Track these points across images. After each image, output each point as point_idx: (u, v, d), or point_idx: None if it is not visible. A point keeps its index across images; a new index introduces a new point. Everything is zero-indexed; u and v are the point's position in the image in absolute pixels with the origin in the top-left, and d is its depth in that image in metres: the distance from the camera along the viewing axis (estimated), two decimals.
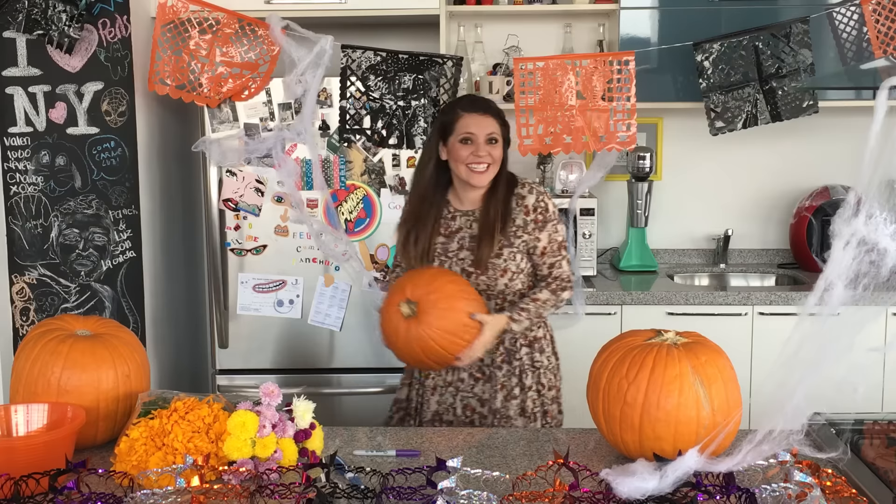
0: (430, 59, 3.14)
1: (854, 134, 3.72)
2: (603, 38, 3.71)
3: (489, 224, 2.27)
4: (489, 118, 2.28)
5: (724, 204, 3.91)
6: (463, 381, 2.33)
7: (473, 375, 2.33)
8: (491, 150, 2.26)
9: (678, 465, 1.45)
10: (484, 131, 2.26)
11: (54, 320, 1.88)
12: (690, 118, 3.73)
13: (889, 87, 1.41)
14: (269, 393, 1.64)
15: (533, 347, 2.36)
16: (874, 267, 1.37)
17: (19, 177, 3.11)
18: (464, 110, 2.29)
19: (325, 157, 3.22)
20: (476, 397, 2.33)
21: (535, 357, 2.36)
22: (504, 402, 2.31)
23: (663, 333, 1.76)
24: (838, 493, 1.49)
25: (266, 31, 3.02)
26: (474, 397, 2.33)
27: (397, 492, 1.50)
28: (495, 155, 2.28)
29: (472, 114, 2.28)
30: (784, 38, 3.22)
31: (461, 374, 2.32)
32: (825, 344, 1.41)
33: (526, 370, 2.34)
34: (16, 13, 2.98)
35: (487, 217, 2.28)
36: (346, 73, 3.12)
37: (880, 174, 1.37)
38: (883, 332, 3.22)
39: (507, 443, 1.86)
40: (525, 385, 2.33)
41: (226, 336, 3.33)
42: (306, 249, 3.28)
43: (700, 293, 3.32)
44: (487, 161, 2.26)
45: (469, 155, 2.25)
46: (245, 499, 1.47)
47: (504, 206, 2.28)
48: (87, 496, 1.46)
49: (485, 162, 2.25)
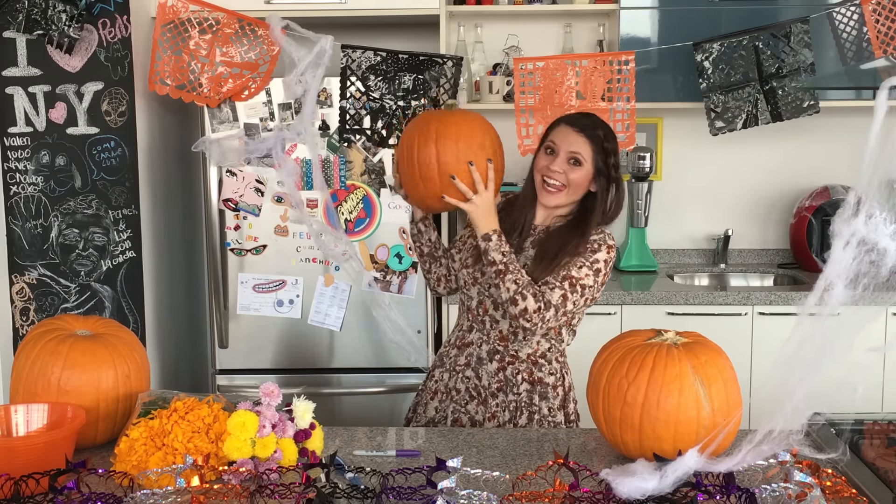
0: (430, 59, 3.14)
1: (854, 134, 3.72)
2: (603, 38, 3.71)
3: (549, 251, 2.09)
4: (583, 138, 2.08)
5: (723, 204, 3.91)
6: (459, 392, 2.21)
7: (469, 392, 2.20)
8: (569, 171, 2.08)
9: (678, 465, 1.45)
10: (569, 147, 2.08)
11: (54, 320, 1.88)
12: (690, 118, 3.73)
13: (889, 87, 1.40)
14: (269, 393, 1.64)
15: (534, 388, 2.16)
16: (874, 267, 1.36)
17: (19, 177, 3.11)
18: (566, 122, 2.13)
19: (325, 157, 3.22)
20: (468, 415, 2.20)
21: (535, 399, 2.15)
22: None
23: (663, 333, 1.76)
24: (838, 493, 1.49)
25: (266, 31, 3.02)
26: (466, 414, 2.20)
27: (397, 492, 1.50)
28: (572, 177, 2.08)
29: (568, 127, 2.10)
30: (784, 38, 3.23)
31: (458, 384, 2.22)
32: (825, 344, 1.41)
33: (522, 409, 2.16)
34: (16, 13, 2.98)
35: (549, 243, 2.11)
36: (346, 73, 3.12)
37: (880, 174, 1.37)
38: (883, 332, 3.22)
39: (507, 443, 1.86)
40: (518, 424, 2.15)
41: (226, 336, 3.34)
42: (306, 249, 3.29)
43: (700, 293, 3.32)
44: (561, 180, 2.08)
45: (545, 166, 2.10)
46: (245, 499, 1.47)
47: (573, 241, 2.09)
48: (87, 496, 1.46)
49: (557, 180, 2.08)
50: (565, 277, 2.04)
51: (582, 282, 2.05)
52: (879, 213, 1.36)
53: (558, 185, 2.10)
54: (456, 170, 2.03)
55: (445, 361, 2.27)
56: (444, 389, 2.25)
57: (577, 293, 2.04)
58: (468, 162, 2.02)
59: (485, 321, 2.19)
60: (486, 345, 2.19)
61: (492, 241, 2.04)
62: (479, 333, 2.20)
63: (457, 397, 2.22)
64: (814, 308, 1.42)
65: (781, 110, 3.27)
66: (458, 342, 2.25)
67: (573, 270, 2.05)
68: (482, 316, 2.19)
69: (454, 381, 2.23)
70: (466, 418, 2.20)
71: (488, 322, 2.18)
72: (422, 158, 2.04)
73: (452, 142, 2.03)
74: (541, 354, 2.17)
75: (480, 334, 2.20)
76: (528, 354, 2.16)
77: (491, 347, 2.18)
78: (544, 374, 2.17)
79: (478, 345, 2.20)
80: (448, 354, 2.27)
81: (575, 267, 2.05)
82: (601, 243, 2.09)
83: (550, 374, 2.17)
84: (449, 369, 2.25)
